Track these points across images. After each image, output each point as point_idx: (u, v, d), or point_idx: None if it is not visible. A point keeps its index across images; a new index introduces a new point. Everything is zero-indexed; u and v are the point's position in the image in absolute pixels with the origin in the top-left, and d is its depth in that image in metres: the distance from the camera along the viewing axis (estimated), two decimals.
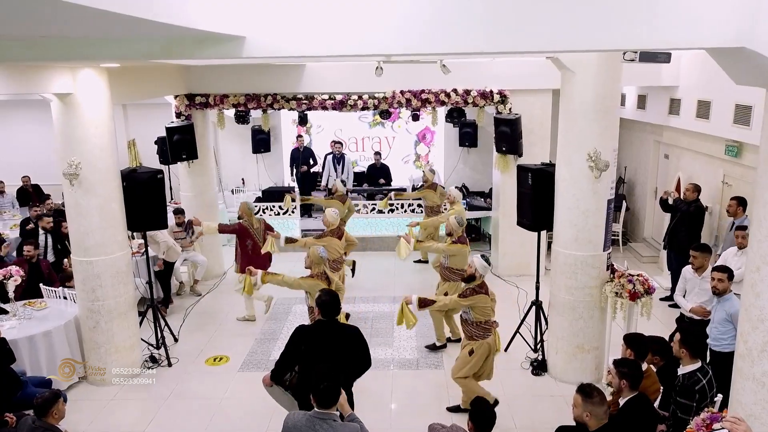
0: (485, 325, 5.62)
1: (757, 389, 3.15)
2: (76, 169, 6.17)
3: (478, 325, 5.63)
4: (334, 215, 7.74)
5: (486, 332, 5.64)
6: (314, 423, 3.43)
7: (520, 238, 9.36)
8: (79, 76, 6.14)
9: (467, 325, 5.71)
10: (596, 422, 3.83)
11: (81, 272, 6.54)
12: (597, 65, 5.88)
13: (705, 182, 8.50)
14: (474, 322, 5.63)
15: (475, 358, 5.68)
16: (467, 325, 5.71)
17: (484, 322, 5.61)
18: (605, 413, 3.84)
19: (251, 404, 6.20)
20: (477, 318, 5.59)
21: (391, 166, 13.13)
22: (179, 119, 9.46)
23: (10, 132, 13.57)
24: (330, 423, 3.45)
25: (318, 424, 3.42)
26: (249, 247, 8.06)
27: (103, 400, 6.42)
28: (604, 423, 3.83)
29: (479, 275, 5.59)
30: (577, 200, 6.19)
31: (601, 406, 3.81)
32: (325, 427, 3.42)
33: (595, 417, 3.81)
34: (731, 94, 7.30)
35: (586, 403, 3.83)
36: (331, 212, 7.77)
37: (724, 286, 5.38)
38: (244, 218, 8.13)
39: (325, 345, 4.51)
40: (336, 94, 9.49)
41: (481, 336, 5.64)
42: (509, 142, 9.06)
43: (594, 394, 3.84)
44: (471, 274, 5.61)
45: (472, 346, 5.68)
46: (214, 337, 7.91)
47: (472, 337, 5.68)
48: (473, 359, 5.68)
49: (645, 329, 5.54)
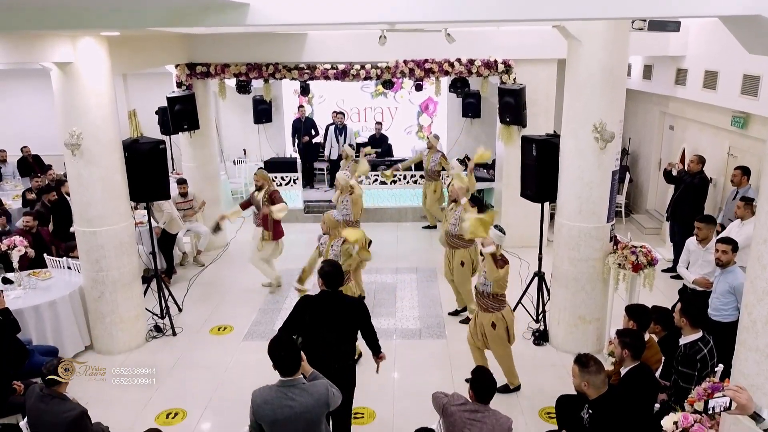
0: (500, 297, 5.60)
1: (761, 360, 3.17)
2: (78, 140, 6.14)
3: (494, 297, 5.58)
4: (344, 176, 8.06)
5: (501, 304, 5.60)
6: (284, 392, 3.47)
7: (523, 210, 9.33)
8: (80, 45, 6.06)
9: (483, 298, 5.64)
10: (595, 391, 3.89)
11: (84, 243, 6.56)
12: (604, 34, 5.78)
13: (710, 154, 8.45)
14: (490, 294, 5.57)
15: (500, 330, 5.65)
16: (483, 298, 5.64)
17: (500, 294, 5.58)
18: (603, 382, 3.90)
19: (256, 373, 6.22)
20: (495, 290, 5.55)
21: (394, 136, 13.05)
22: (180, 89, 9.38)
23: (9, 102, 13.46)
24: (299, 387, 3.49)
25: (289, 392, 3.46)
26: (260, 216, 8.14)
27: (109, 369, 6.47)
28: (603, 391, 3.89)
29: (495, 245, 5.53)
30: (581, 172, 6.16)
31: (597, 375, 3.88)
32: (297, 392, 3.46)
33: (593, 386, 3.88)
34: (739, 65, 7.21)
35: (583, 372, 3.90)
36: (341, 174, 8.14)
37: (727, 258, 5.38)
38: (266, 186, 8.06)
39: (328, 315, 4.54)
40: (338, 64, 9.37)
41: (497, 308, 5.60)
42: (513, 112, 8.99)
43: (590, 364, 3.90)
44: None
45: (491, 318, 5.64)
46: (218, 307, 7.96)
47: (487, 309, 5.63)
48: (499, 331, 5.65)
49: (647, 301, 5.56)
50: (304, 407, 3.44)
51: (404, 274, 8.93)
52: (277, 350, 3.49)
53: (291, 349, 3.52)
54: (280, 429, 3.47)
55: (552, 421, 5.35)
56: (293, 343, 3.58)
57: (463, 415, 3.89)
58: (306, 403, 3.45)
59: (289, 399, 3.45)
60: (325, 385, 3.58)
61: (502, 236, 5.54)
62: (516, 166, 7.83)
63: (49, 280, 6.91)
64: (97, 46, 6.21)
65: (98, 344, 6.82)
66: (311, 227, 10.17)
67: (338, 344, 4.55)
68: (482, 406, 3.93)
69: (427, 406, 4.45)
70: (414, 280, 8.72)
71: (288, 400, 3.45)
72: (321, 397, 3.49)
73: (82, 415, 4.34)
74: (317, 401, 3.47)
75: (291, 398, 3.45)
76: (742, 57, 7.09)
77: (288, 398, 3.45)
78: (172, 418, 5.64)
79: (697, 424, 3.46)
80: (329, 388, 3.57)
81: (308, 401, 3.45)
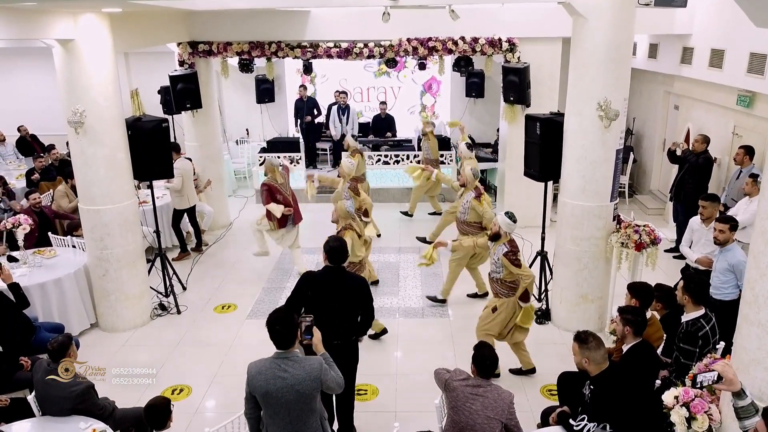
0: (511, 283, 5.55)
1: (762, 335, 3.18)
2: (81, 117, 6.13)
3: (504, 283, 5.56)
4: (349, 165, 7.85)
5: (511, 291, 5.56)
6: (278, 363, 3.51)
7: (526, 190, 9.34)
8: (81, 21, 6.03)
9: (494, 283, 5.66)
10: (596, 367, 3.93)
11: (89, 221, 6.58)
12: (610, 11, 5.73)
13: (715, 133, 8.40)
14: (500, 280, 5.57)
15: (500, 315, 5.62)
16: (494, 283, 5.66)
17: (511, 281, 5.55)
18: (603, 357, 3.93)
19: (259, 351, 6.23)
20: (506, 277, 5.53)
21: (397, 116, 12.98)
22: (182, 68, 9.33)
23: (7, 82, 13.40)
24: (293, 359, 3.53)
25: (283, 363, 3.50)
26: (281, 201, 8.13)
27: (114, 346, 6.56)
28: (604, 367, 3.92)
29: (504, 233, 5.52)
30: (585, 150, 6.14)
31: (597, 351, 3.91)
32: (290, 364, 3.50)
33: (593, 362, 3.92)
34: (746, 43, 7.14)
35: (582, 349, 3.94)
36: (346, 161, 7.90)
37: (725, 237, 5.42)
38: (269, 175, 8.07)
39: (330, 291, 4.56)
40: (341, 42, 9.31)
41: (505, 294, 5.58)
42: (517, 91, 8.93)
43: (589, 340, 3.94)
44: (496, 232, 5.55)
45: (495, 303, 5.66)
46: (222, 286, 8.01)
47: (497, 294, 5.65)
48: (497, 316, 5.64)
49: (649, 280, 5.56)
50: (296, 379, 3.47)
51: (407, 254, 8.96)
52: (274, 324, 3.52)
53: (287, 325, 3.54)
54: (272, 400, 3.50)
55: (553, 398, 5.40)
56: (291, 318, 3.60)
57: (465, 390, 3.92)
58: (298, 375, 3.48)
59: (281, 371, 3.48)
60: (320, 361, 3.59)
61: (512, 224, 5.52)
62: (519, 145, 7.81)
63: (54, 258, 6.94)
64: (99, 23, 6.17)
65: (103, 322, 6.88)
66: (313, 207, 10.18)
67: (340, 320, 4.58)
68: (484, 381, 3.97)
69: (429, 384, 4.50)
70: (417, 259, 8.72)
71: (281, 371, 3.48)
72: (313, 371, 3.51)
73: (89, 389, 4.40)
74: (309, 374, 3.49)
75: (284, 370, 3.48)
76: (749, 35, 7.07)
77: (281, 369, 3.48)
78: (178, 394, 5.70)
79: (698, 399, 3.49)
80: (324, 365, 3.58)
81: (300, 374, 3.48)
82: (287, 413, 3.53)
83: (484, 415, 3.83)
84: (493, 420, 3.83)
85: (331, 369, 3.65)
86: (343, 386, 3.72)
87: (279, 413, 3.53)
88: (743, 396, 3.05)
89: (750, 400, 3.05)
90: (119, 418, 4.58)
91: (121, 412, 4.63)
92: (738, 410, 3.07)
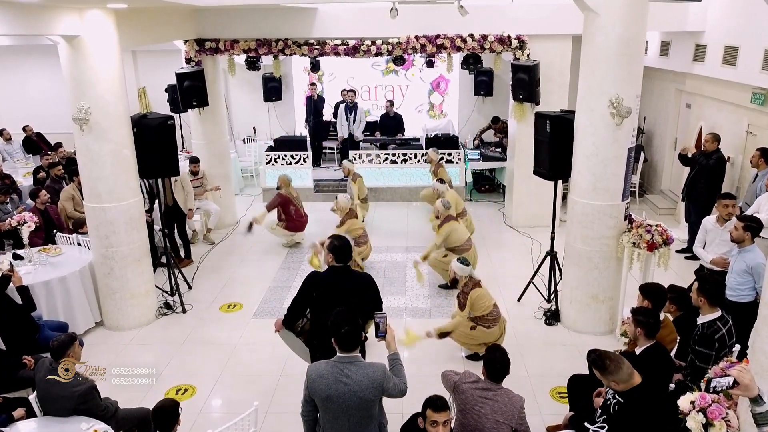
0: (488, 317, 5.74)
1: None
2: (86, 114, 6.08)
3: (482, 318, 5.76)
4: (345, 200, 8.03)
5: (491, 323, 5.77)
6: (341, 368, 3.41)
7: (534, 189, 9.24)
8: (87, 17, 5.98)
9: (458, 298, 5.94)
10: (625, 384, 3.69)
11: (94, 218, 6.53)
12: (622, 6, 5.62)
13: (728, 132, 8.27)
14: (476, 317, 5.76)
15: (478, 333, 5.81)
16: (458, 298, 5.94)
17: (486, 314, 5.73)
18: (629, 374, 3.67)
19: (265, 350, 6.26)
20: (476, 314, 5.73)
21: (404, 115, 12.89)
22: (189, 65, 9.28)
23: (13, 81, 13.41)
24: (356, 364, 3.43)
25: (345, 368, 3.40)
26: (292, 212, 8.80)
27: (119, 345, 6.52)
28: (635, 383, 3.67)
29: (461, 276, 5.76)
30: (596, 148, 6.03)
31: (620, 370, 3.66)
32: (353, 369, 3.40)
33: (621, 381, 3.67)
34: (760, 40, 7.01)
35: (605, 375, 3.72)
36: (343, 197, 8.06)
37: (738, 235, 5.37)
38: (283, 188, 8.71)
39: (337, 291, 4.47)
40: (349, 40, 9.23)
41: (486, 327, 5.78)
42: (526, 89, 8.82)
43: (606, 364, 3.70)
44: (453, 278, 5.85)
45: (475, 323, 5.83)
46: (228, 285, 7.95)
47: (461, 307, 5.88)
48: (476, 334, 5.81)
49: (661, 281, 5.44)
50: (358, 386, 3.37)
51: (414, 253, 8.85)
52: (341, 325, 3.40)
53: (354, 325, 3.44)
54: (332, 405, 3.42)
55: (563, 401, 5.30)
56: (356, 318, 3.50)
57: (474, 393, 3.84)
58: (361, 381, 3.38)
59: (344, 375, 3.39)
60: (383, 368, 3.48)
61: (466, 267, 5.74)
62: (528, 144, 7.70)
63: (59, 256, 6.90)
64: (105, 19, 6.13)
65: (108, 320, 6.83)
66: (320, 206, 10.13)
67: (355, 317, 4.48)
68: (494, 385, 3.88)
69: (437, 385, 4.40)
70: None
71: (343, 376, 3.39)
72: (377, 378, 3.41)
73: (91, 389, 4.34)
74: (372, 382, 3.40)
75: (346, 375, 3.39)
76: (764, 31, 6.94)
77: (343, 375, 3.39)
78: (182, 394, 5.64)
79: (715, 404, 3.38)
80: (387, 373, 3.47)
81: (363, 380, 3.39)
82: (347, 419, 3.46)
83: (494, 419, 3.74)
84: (502, 424, 3.74)
85: (395, 374, 3.57)
86: (405, 393, 3.59)
87: (339, 418, 3.47)
88: (760, 402, 2.93)
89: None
90: (121, 418, 4.52)
91: (124, 413, 4.57)
92: (756, 416, 2.95)
